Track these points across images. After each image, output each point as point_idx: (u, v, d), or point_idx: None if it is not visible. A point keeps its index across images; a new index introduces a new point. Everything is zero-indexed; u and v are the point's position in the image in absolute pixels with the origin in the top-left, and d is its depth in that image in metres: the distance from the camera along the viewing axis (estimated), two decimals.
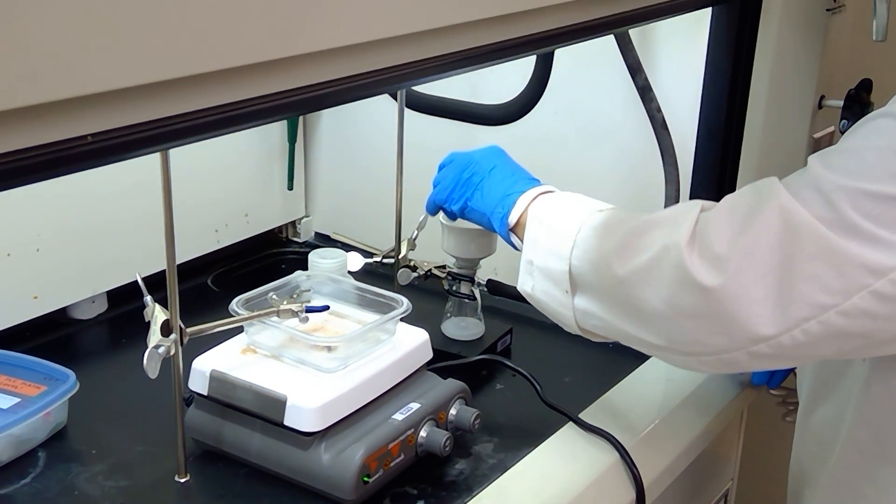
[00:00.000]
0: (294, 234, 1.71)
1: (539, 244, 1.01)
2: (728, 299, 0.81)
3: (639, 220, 0.92)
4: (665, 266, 0.85)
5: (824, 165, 0.81)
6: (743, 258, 0.81)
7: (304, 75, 0.69)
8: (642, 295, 0.88)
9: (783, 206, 0.80)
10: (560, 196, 1.06)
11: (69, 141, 0.51)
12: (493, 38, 0.87)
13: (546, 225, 1.01)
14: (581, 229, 0.97)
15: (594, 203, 1.02)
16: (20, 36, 0.47)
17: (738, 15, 1.19)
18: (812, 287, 0.78)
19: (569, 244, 0.96)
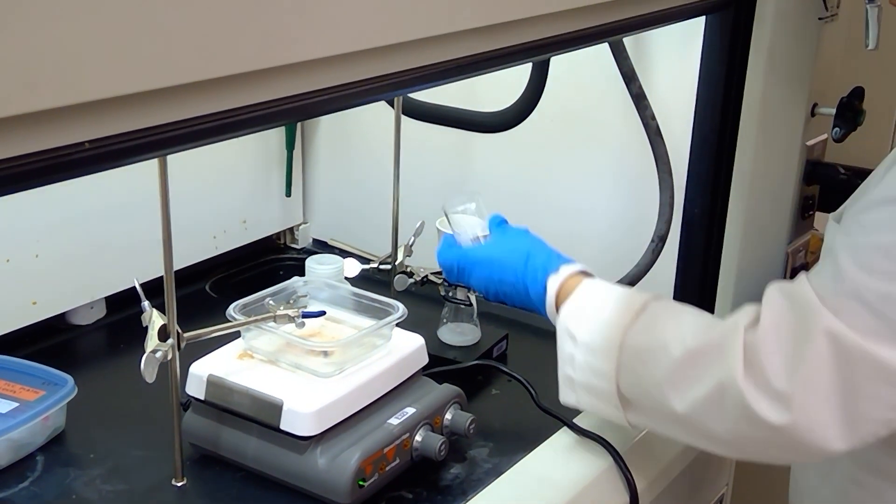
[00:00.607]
0: (292, 240, 1.72)
1: (577, 362, 1.00)
2: (798, 432, 0.83)
3: (683, 348, 0.90)
4: (727, 403, 0.86)
5: (861, 268, 0.80)
6: (804, 392, 0.81)
7: (301, 83, 0.70)
8: (706, 426, 0.89)
9: (830, 332, 0.80)
10: (584, 298, 1.01)
11: (67, 147, 0.52)
12: (488, 46, 0.87)
13: (581, 343, 0.99)
14: (622, 352, 0.95)
15: (623, 306, 0.98)
16: (19, 44, 0.48)
17: (731, 23, 1.20)
18: (875, 405, 0.80)
19: (612, 367, 0.96)
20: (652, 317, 0.96)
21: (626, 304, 0.97)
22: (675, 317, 0.95)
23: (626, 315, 0.96)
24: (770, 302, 0.86)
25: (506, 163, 1.49)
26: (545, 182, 1.46)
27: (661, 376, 0.91)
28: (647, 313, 0.96)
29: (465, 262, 1.11)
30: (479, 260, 1.10)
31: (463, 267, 1.11)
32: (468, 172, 1.54)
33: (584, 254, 1.16)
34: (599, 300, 0.99)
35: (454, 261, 1.11)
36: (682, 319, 0.94)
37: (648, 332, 0.94)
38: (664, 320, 0.95)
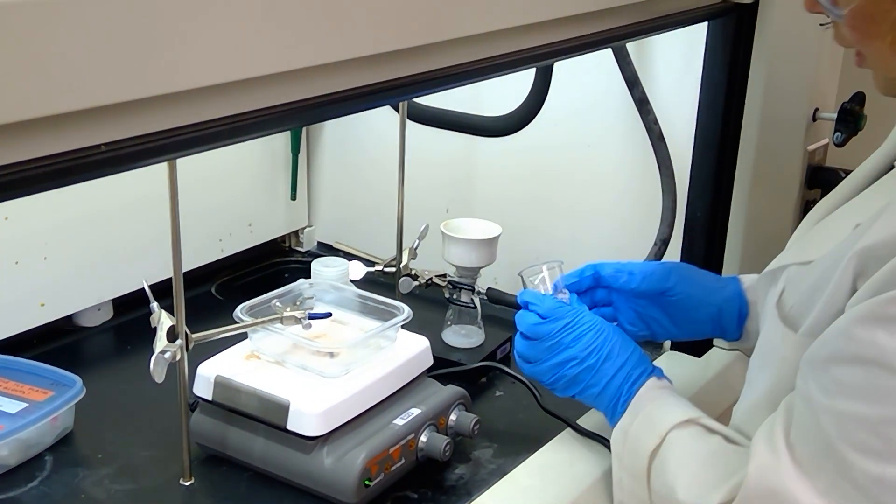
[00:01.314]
0: (297, 243, 1.73)
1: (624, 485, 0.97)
2: None
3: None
4: None
5: (854, 447, 0.73)
6: None
7: (308, 87, 0.71)
8: None
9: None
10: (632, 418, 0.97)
11: (84, 150, 0.53)
12: (493, 52, 0.89)
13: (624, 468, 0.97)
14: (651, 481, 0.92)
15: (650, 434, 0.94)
16: (38, 50, 0.50)
17: (733, 29, 1.21)
18: None
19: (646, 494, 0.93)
20: (667, 456, 0.91)
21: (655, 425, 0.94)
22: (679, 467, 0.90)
23: (652, 440, 0.93)
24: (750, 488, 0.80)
25: (509, 167, 1.50)
26: (548, 186, 1.47)
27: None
28: (668, 444, 0.92)
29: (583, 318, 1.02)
30: (599, 327, 1.01)
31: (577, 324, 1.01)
32: (472, 176, 1.55)
33: (587, 257, 1.17)
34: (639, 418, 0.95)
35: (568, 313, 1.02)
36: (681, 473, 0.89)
37: (661, 477, 0.91)
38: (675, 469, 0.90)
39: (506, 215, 1.41)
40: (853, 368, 0.73)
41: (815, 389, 0.76)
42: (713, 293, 1.11)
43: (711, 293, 1.11)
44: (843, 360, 0.74)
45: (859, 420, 0.72)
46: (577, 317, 1.02)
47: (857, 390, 0.73)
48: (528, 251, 1.41)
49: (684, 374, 1.25)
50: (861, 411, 0.72)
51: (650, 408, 0.96)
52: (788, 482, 0.76)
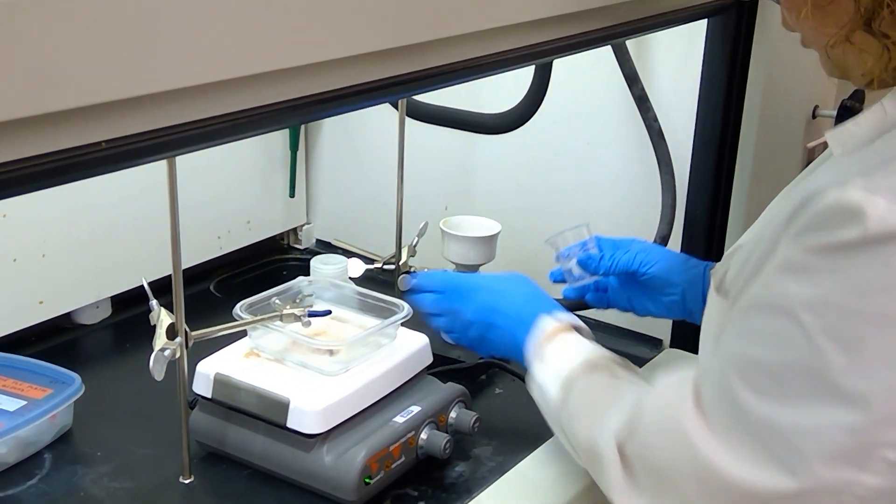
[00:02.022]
0: (295, 240, 1.73)
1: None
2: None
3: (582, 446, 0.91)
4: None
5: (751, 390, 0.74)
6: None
7: (308, 85, 0.71)
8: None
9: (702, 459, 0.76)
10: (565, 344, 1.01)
11: (84, 147, 0.53)
12: (492, 48, 0.88)
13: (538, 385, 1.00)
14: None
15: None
16: (39, 46, 0.49)
17: (733, 26, 1.21)
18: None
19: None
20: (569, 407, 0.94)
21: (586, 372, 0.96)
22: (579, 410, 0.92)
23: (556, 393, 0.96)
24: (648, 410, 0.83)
25: (509, 164, 1.50)
26: (548, 183, 1.47)
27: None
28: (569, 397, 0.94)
29: (466, 284, 1.09)
30: (481, 286, 1.08)
31: (461, 289, 1.09)
32: (471, 174, 1.55)
33: None
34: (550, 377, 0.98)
35: (466, 282, 1.10)
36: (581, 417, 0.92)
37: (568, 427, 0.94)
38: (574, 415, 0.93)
39: (505, 213, 1.41)
40: (763, 315, 0.74)
41: (730, 335, 0.79)
42: (677, 275, 1.13)
43: (676, 275, 1.13)
44: (757, 307, 0.76)
45: (759, 364, 0.74)
46: (466, 282, 1.10)
47: (762, 336, 0.74)
48: (528, 248, 1.41)
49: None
50: (762, 356, 0.74)
51: (549, 359, 0.99)
52: (685, 419, 0.77)
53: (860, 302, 0.69)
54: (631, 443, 0.82)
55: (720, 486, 0.74)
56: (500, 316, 1.05)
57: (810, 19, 0.78)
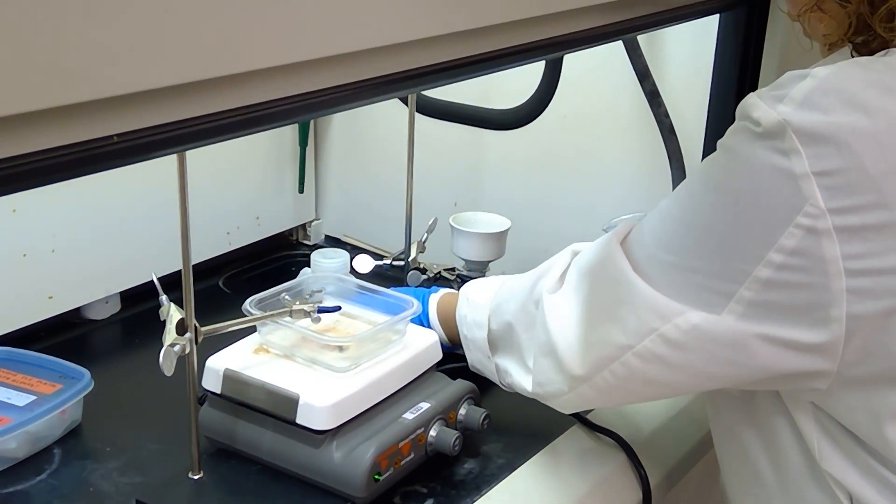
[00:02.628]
0: (304, 236, 1.72)
1: (467, 320, 1.12)
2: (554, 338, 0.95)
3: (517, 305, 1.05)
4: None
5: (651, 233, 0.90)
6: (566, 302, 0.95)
7: (319, 79, 0.71)
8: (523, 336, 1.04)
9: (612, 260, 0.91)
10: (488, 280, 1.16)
11: (96, 141, 0.53)
12: (503, 43, 0.88)
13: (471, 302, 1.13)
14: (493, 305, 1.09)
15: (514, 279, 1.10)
16: (52, 39, 0.49)
17: (745, 21, 1.21)
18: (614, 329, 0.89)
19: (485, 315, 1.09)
20: (517, 280, 1.07)
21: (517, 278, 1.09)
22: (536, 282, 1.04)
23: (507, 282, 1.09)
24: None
25: (519, 160, 1.50)
26: (558, 179, 1.47)
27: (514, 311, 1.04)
28: (522, 278, 1.06)
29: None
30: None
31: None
32: (481, 169, 1.55)
33: None
34: (498, 280, 1.12)
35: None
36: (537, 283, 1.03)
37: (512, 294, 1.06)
38: (524, 280, 1.05)
39: (514, 209, 1.41)
40: (686, 180, 0.90)
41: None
42: None
43: None
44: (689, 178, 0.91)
45: (658, 211, 0.90)
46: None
47: (676, 195, 0.89)
48: (537, 244, 1.40)
49: None
50: (662, 205, 0.89)
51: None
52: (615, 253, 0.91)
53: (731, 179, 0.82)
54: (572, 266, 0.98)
55: (623, 287, 0.88)
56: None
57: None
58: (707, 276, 0.83)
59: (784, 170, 0.78)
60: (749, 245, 0.81)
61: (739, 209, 0.81)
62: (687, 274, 0.85)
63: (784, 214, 0.78)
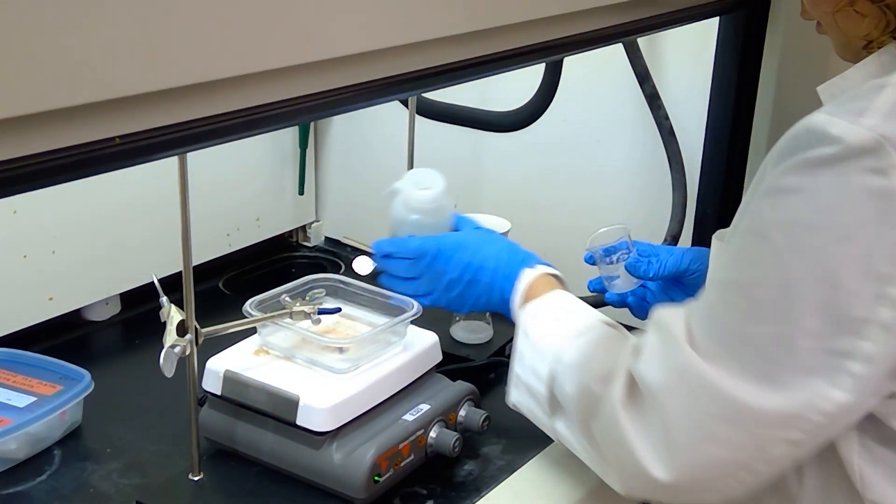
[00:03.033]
0: (304, 238, 1.73)
1: (525, 359, 0.99)
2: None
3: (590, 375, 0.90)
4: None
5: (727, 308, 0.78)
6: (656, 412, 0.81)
7: (320, 81, 0.71)
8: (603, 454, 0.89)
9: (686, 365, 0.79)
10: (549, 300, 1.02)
11: (98, 142, 0.53)
12: (503, 46, 0.88)
13: (531, 340, 0.99)
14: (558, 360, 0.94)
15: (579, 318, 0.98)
16: (54, 42, 0.49)
17: (745, 24, 1.21)
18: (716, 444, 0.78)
19: (547, 370, 0.95)
20: (594, 338, 0.93)
21: (584, 318, 0.97)
22: (610, 343, 0.92)
23: (577, 327, 0.95)
24: (646, 335, 0.86)
25: (518, 162, 1.50)
26: (558, 181, 1.47)
27: (576, 394, 0.91)
28: (594, 332, 0.94)
29: (445, 243, 1.09)
30: (462, 244, 1.09)
31: (443, 250, 1.08)
32: (480, 172, 1.55)
33: None
34: (561, 307, 1.00)
35: (432, 245, 1.09)
36: (612, 348, 0.91)
37: (584, 351, 0.92)
38: (600, 343, 0.92)
39: (514, 211, 1.40)
40: (740, 239, 0.79)
41: (713, 264, 0.86)
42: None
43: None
44: (737, 234, 0.80)
45: (735, 284, 0.79)
46: (441, 242, 1.09)
47: (738, 259, 0.79)
48: (537, 246, 1.40)
49: None
50: (738, 277, 0.79)
51: (574, 299, 1.02)
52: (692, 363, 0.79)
53: (823, 218, 0.72)
54: (636, 365, 0.84)
55: (717, 403, 0.77)
56: (482, 271, 1.06)
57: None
58: (817, 338, 0.73)
59: (884, 190, 0.69)
60: (860, 286, 0.71)
61: (837, 248, 0.72)
62: (791, 343, 0.74)
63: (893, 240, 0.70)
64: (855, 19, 0.85)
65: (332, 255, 1.69)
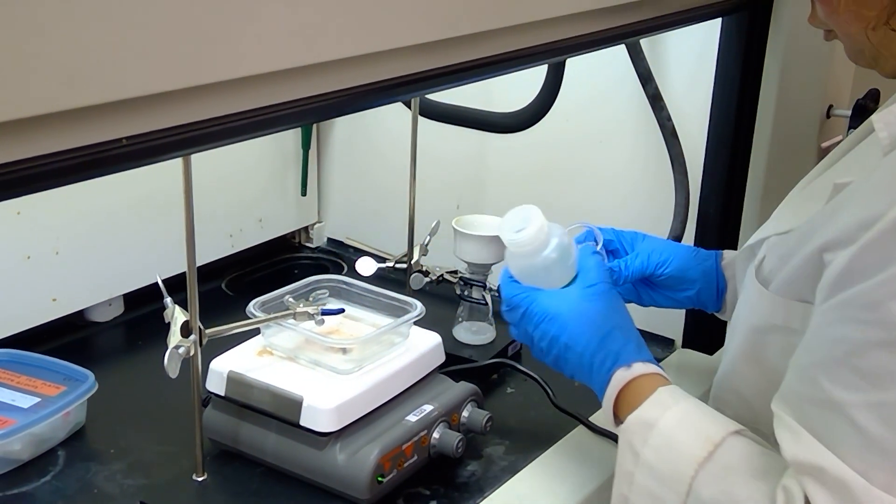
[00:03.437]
0: (307, 239, 1.73)
1: (636, 484, 0.86)
2: None
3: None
4: None
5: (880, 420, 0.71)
6: None
7: (325, 83, 0.71)
8: None
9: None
10: (655, 410, 0.87)
11: (105, 144, 0.53)
12: (506, 47, 0.88)
13: (643, 464, 0.85)
14: (690, 494, 0.81)
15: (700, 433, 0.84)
16: (61, 43, 0.49)
17: (747, 25, 1.21)
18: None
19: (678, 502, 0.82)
20: (726, 463, 0.82)
21: (704, 432, 0.84)
22: (748, 476, 0.80)
23: (702, 447, 0.82)
24: (816, 498, 0.74)
25: (521, 163, 1.50)
26: (560, 182, 1.47)
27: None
28: (724, 453, 0.82)
29: (534, 307, 0.96)
30: (551, 314, 0.95)
31: (531, 313, 0.96)
32: (483, 173, 1.55)
33: None
34: (673, 419, 0.85)
35: (523, 301, 0.97)
36: (753, 484, 0.79)
37: (720, 484, 0.81)
38: (736, 476, 0.81)
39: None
40: (881, 353, 0.71)
41: (836, 389, 0.73)
42: (692, 271, 1.13)
43: (690, 271, 1.13)
44: (866, 347, 0.71)
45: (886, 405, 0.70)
46: (531, 302, 0.97)
47: (881, 373, 0.71)
48: None
49: (695, 372, 1.25)
50: (883, 398, 0.70)
51: (684, 405, 0.87)
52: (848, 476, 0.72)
53: None
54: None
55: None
56: (570, 351, 0.94)
57: (851, 4, 0.84)
58: None
59: None
60: None
61: None
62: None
63: None
64: (890, 38, 0.84)
65: (334, 257, 1.69)
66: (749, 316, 0.91)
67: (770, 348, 0.88)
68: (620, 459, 0.88)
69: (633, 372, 0.91)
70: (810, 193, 0.94)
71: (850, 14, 0.85)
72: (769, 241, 0.92)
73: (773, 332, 0.87)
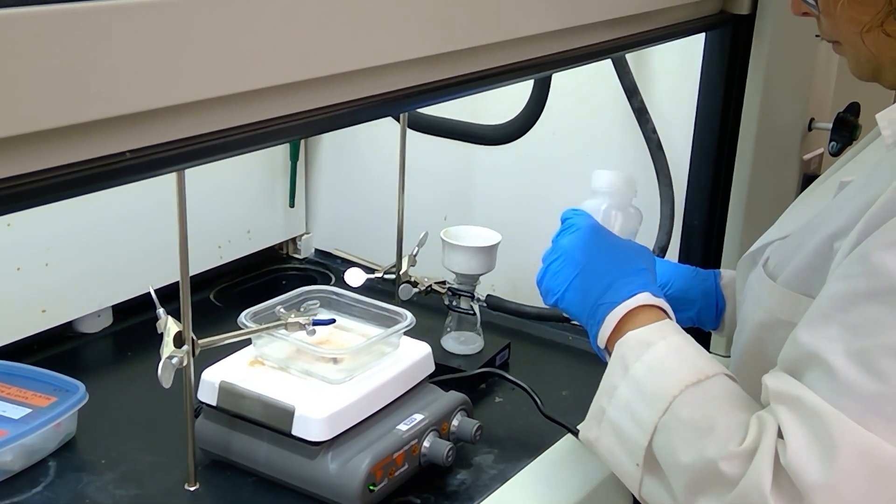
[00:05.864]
0: (294, 250, 1.73)
1: (617, 396, 0.88)
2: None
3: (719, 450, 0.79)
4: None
5: (874, 376, 0.73)
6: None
7: (321, 97, 0.72)
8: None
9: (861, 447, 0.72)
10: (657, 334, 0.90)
11: (110, 157, 0.54)
12: (494, 62, 0.90)
13: (631, 377, 0.88)
14: (669, 411, 0.84)
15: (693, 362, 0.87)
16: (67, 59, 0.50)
17: (731, 40, 1.23)
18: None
19: (654, 418, 0.84)
20: (711, 392, 0.84)
21: (698, 364, 0.87)
22: (728, 406, 0.83)
23: (693, 374, 0.85)
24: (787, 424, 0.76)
25: (508, 175, 1.52)
26: (547, 194, 1.48)
27: (689, 462, 0.81)
28: (712, 385, 0.85)
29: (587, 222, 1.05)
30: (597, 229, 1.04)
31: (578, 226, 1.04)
32: (470, 184, 1.56)
33: None
34: (672, 345, 0.88)
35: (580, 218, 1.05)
36: (732, 412, 0.82)
37: (700, 407, 0.83)
38: (718, 403, 0.83)
39: (504, 223, 1.42)
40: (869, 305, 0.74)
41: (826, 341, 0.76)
42: (693, 291, 1.15)
43: (691, 291, 1.15)
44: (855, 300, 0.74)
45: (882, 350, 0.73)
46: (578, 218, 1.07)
47: (876, 323, 0.73)
48: (527, 258, 1.42)
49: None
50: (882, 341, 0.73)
51: (685, 338, 0.90)
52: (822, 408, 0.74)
53: None
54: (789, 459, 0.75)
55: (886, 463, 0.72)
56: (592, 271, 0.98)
57: (847, 8, 0.86)
58: None
59: None
60: None
61: None
62: None
63: None
64: (886, 43, 0.86)
65: (322, 268, 1.70)
66: (755, 312, 0.94)
67: (775, 345, 0.87)
68: (608, 372, 0.90)
69: (647, 299, 0.93)
70: (816, 195, 0.98)
71: (846, 18, 0.87)
72: (772, 246, 0.96)
73: (778, 327, 0.89)
